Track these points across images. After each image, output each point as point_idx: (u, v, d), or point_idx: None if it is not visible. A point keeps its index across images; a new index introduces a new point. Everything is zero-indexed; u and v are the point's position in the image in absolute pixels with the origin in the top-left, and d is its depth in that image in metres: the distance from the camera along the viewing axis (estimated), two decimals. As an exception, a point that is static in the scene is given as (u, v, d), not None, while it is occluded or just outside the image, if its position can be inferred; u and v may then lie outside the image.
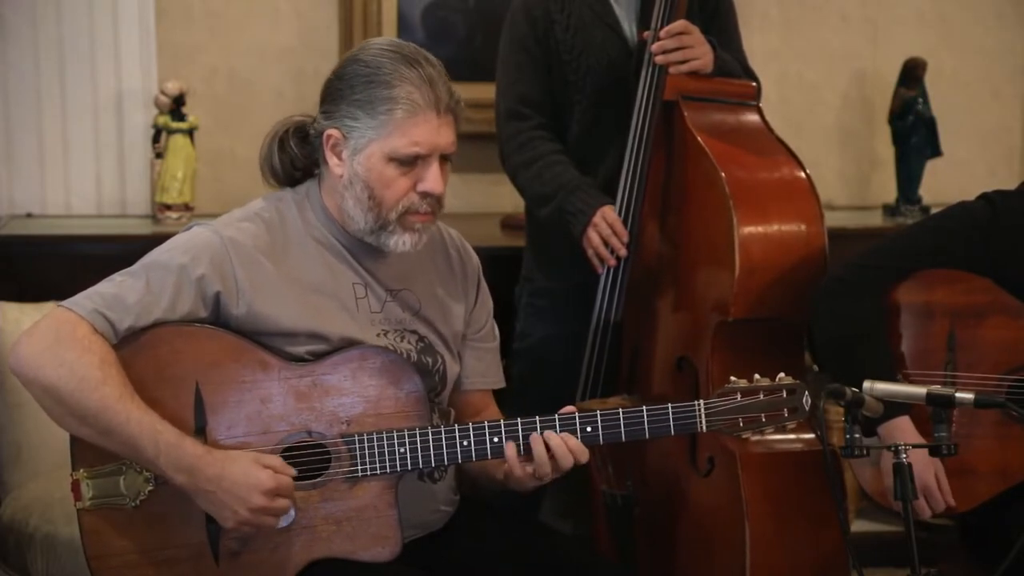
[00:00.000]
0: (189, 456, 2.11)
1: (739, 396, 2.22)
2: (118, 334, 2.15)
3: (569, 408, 2.25)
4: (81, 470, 2.18)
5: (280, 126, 2.34)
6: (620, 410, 2.22)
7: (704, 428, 2.22)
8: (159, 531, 2.18)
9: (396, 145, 2.21)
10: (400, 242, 2.27)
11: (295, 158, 2.33)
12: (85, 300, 2.15)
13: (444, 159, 2.26)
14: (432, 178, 2.23)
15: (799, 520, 2.75)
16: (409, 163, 2.22)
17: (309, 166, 2.34)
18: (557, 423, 2.22)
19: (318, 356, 2.22)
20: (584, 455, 2.22)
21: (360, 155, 2.23)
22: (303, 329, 2.23)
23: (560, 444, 2.21)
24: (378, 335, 2.30)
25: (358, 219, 2.26)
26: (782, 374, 2.25)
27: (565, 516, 3.37)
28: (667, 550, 2.94)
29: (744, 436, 2.25)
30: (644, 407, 2.22)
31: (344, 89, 2.24)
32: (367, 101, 2.21)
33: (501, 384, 2.52)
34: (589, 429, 2.22)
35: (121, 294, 2.16)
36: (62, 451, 2.24)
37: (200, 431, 2.17)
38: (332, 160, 2.26)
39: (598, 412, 2.23)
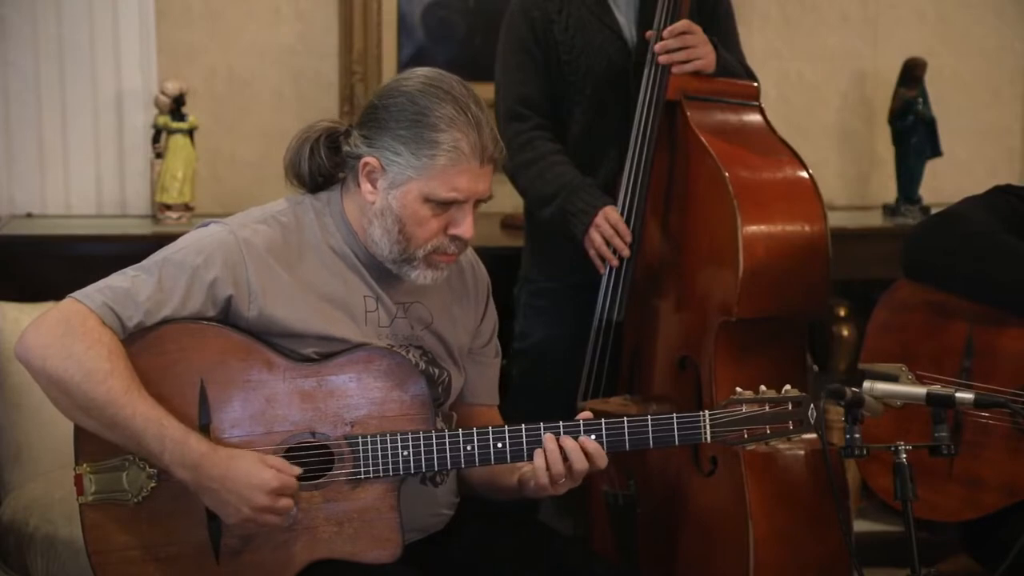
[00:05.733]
0: (194, 453, 2.11)
1: (744, 408, 2.21)
2: (126, 331, 2.15)
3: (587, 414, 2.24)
4: (84, 464, 2.18)
5: (311, 131, 2.31)
6: (625, 419, 2.21)
7: (708, 439, 2.21)
8: (161, 527, 2.18)
9: (436, 189, 2.19)
10: (421, 276, 2.26)
11: (322, 166, 2.30)
12: (96, 293, 2.15)
13: (477, 202, 2.25)
14: (466, 224, 2.23)
15: (802, 519, 2.75)
16: (445, 206, 2.21)
17: (333, 175, 2.32)
18: (561, 429, 2.21)
19: (324, 356, 2.22)
20: (602, 460, 2.21)
21: (397, 190, 2.21)
22: (312, 333, 2.23)
23: (575, 447, 2.19)
24: None
25: (383, 247, 2.25)
26: (788, 386, 2.23)
27: (565, 516, 3.37)
28: (669, 550, 2.93)
29: (749, 448, 2.25)
30: (649, 416, 2.21)
31: (389, 121, 2.21)
32: (412, 140, 2.19)
33: (495, 403, 2.52)
34: (593, 438, 2.21)
35: (133, 290, 2.16)
36: (62, 451, 2.24)
37: (204, 429, 2.16)
38: (366, 186, 2.24)
39: (603, 421, 2.21)
